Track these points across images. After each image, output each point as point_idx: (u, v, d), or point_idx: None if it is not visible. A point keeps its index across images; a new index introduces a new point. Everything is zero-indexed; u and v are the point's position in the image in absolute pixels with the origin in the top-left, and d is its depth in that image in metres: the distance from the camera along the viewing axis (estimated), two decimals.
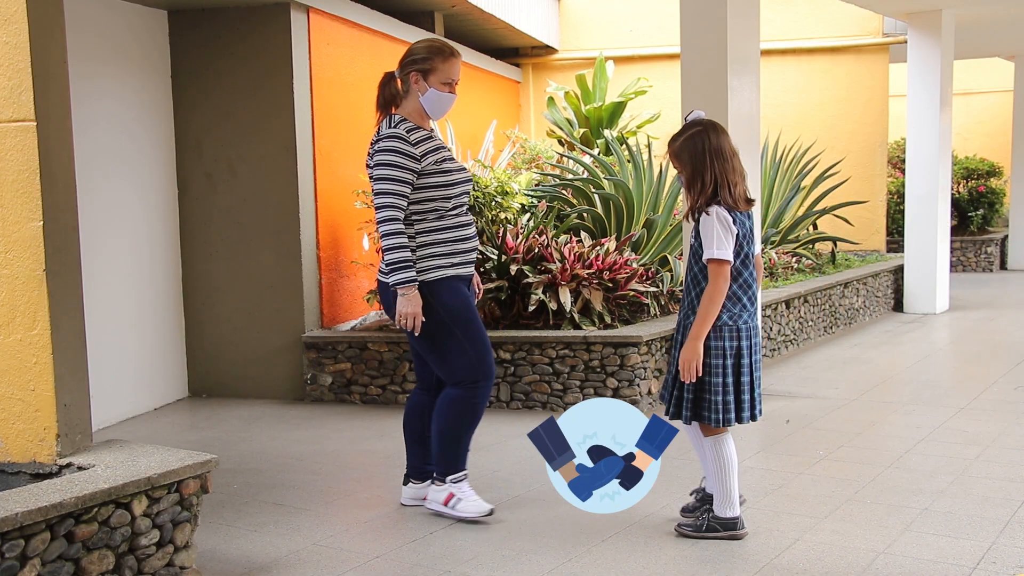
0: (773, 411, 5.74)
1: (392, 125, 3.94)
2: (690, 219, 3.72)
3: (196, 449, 3.96)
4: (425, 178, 3.91)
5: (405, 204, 3.88)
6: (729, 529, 3.74)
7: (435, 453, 4.07)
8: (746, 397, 3.66)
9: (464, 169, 4.10)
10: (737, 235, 3.61)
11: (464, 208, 4.07)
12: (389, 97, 4.02)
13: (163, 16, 6.48)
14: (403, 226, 3.88)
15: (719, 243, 3.55)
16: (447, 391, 4.03)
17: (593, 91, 9.80)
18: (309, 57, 6.54)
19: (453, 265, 3.97)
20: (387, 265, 3.89)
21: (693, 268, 3.71)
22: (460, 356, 3.96)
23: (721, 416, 3.63)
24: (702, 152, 3.63)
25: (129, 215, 6.19)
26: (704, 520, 3.77)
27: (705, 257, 3.59)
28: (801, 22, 11.12)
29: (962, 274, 13.05)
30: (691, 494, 4.03)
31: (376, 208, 3.89)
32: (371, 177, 3.94)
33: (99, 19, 5.92)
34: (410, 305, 3.85)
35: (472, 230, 4.08)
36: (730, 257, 3.58)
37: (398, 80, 4.03)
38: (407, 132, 3.91)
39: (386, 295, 4.00)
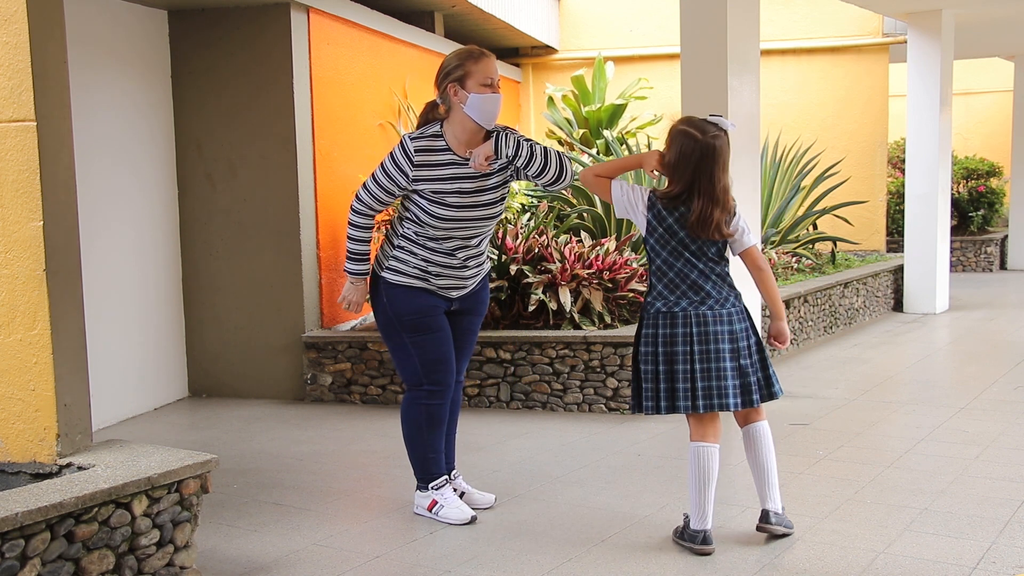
0: (773, 412, 5.73)
1: (417, 130, 3.96)
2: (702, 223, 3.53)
3: (196, 449, 3.96)
4: (418, 184, 3.85)
5: (379, 207, 3.96)
6: (690, 542, 3.61)
7: (409, 459, 4.10)
8: (683, 386, 3.53)
9: (480, 206, 3.88)
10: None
11: (450, 245, 3.90)
12: (432, 121, 3.96)
13: (163, 16, 6.48)
14: (370, 221, 3.97)
15: (752, 230, 3.62)
16: (404, 395, 4.08)
17: (592, 92, 9.79)
18: (309, 57, 6.54)
19: (418, 278, 3.93)
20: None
21: (698, 263, 3.56)
22: (406, 359, 3.98)
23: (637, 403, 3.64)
24: (714, 159, 3.51)
25: (129, 214, 6.19)
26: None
27: (754, 243, 3.62)
28: (801, 22, 11.12)
29: (962, 274, 13.05)
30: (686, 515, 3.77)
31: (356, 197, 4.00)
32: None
33: (99, 19, 5.92)
34: (355, 294, 4.03)
35: (456, 270, 3.94)
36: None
37: (440, 106, 3.93)
38: (412, 139, 3.88)
39: (372, 286, 4.03)
